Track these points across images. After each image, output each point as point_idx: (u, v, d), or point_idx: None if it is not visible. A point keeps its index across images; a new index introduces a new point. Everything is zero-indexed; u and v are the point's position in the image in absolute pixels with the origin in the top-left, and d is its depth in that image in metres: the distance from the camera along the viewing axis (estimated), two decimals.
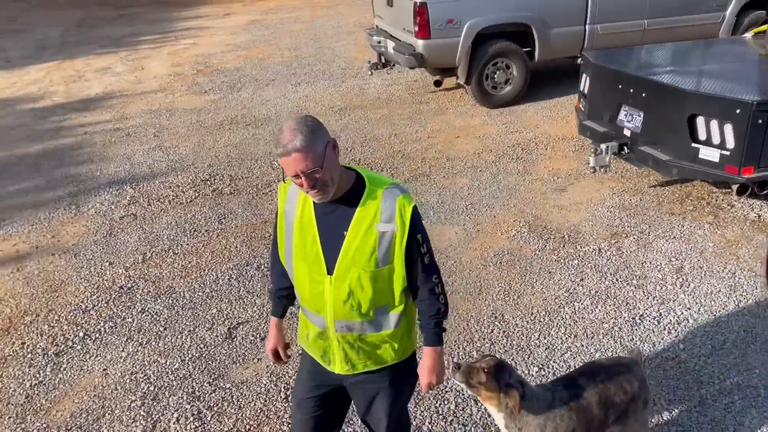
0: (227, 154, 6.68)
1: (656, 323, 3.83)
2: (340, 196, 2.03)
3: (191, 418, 3.30)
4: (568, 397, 2.45)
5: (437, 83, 7.78)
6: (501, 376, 2.33)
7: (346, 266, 2.04)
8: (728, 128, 4.42)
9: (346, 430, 3.13)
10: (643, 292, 4.13)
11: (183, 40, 12.25)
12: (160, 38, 12.57)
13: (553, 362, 3.55)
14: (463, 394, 3.33)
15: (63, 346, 3.91)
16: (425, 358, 2.20)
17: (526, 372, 3.48)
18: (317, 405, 2.36)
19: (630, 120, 5.16)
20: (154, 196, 5.83)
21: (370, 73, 8.76)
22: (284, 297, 2.37)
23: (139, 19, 14.68)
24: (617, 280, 4.26)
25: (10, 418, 3.38)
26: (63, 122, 7.93)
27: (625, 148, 5.20)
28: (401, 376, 2.29)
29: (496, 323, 3.90)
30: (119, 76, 9.86)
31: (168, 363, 3.72)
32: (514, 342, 3.73)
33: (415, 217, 2.06)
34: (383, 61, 8.41)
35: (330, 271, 2.06)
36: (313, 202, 2.07)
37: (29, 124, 7.95)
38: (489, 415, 3.14)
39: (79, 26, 14.24)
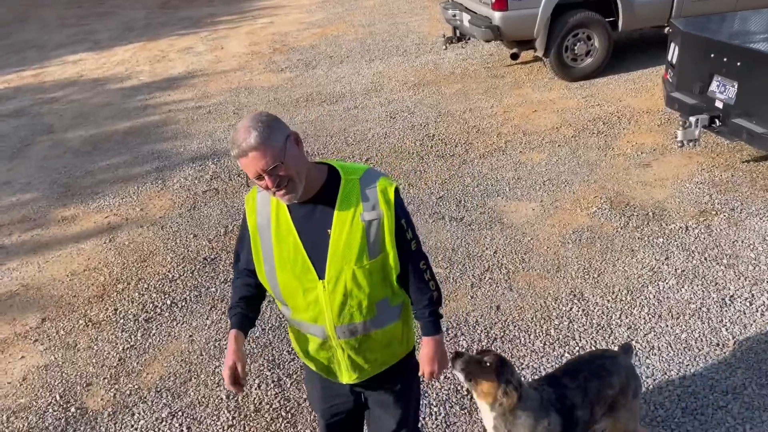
0: (303, 130, 6.78)
1: (748, 305, 3.63)
2: (315, 193, 1.90)
3: (272, 385, 3.41)
4: (555, 398, 2.35)
5: (514, 56, 7.56)
6: (503, 372, 2.24)
7: (337, 266, 1.90)
8: None
9: None
10: (734, 272, 3.92)
11: (260, 20, 12.47)
12: (238, 18, 12.84)
13: (635, 342, 3.43)
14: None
15: (152, 312, 4.12)
16: (424, 347, 2.12)
17: None
18: (337, 412, 2.33)
19: (723, 91, 4.86)
20: (235, 171, 6.00)
21: (444, 47, 8.64)
22: (247, 306, 2.13)
23: (218, 0, 15.03)
24: (706, 259, 4.07)
25: (104, 378, 3.60)
26: (148, 101, 8.27)
27: (717, 121, 4.92)
28: (408, 378, 2.23)
29: (575, 301, 3.81)
30: (200, 56, 10.16)
31: (249, 331, 3.83)
32: (594, 321, 3.64)
33: (398, 199, 1.94)
34: (458, 35, 8.25)
35: (321, 276, 1.92)
36: (288, 207, 1.92)
37: (117, 102, 8.34)
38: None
39: (162, 8, 14.73)
